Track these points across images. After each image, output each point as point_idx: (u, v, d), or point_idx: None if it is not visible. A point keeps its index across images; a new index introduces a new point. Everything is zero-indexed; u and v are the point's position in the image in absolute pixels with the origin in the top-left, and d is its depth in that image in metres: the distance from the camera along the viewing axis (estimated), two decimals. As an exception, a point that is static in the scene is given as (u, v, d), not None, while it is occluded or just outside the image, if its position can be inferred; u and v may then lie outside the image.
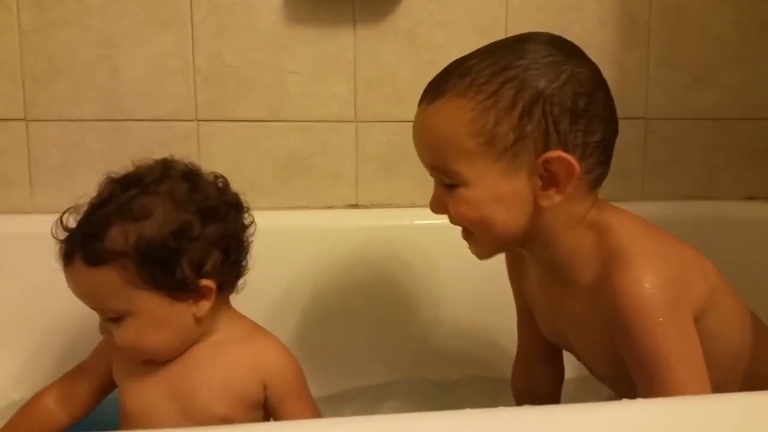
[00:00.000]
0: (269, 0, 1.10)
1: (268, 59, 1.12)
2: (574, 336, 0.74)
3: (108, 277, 0.72)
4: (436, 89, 0.67)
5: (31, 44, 1.08)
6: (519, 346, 0.90)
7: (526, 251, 0.74)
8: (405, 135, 1.15)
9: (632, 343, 0.62)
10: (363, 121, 1.15)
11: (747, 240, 1.16)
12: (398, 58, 1.14)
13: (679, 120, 1.21)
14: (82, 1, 1.07)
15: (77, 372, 0.84)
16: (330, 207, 1.17)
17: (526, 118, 0.63)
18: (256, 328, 0.82)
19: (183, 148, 1.09)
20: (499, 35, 1.13)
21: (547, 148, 0.64)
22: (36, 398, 0.83)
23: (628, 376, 0.64)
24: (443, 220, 1.13)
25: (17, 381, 1.00)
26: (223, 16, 1.10)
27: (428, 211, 1.15)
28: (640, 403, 0.54)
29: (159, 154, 0.82)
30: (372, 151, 1.16)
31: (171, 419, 0.76)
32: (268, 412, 0.80)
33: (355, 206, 1.17)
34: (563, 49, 0.66)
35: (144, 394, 0.77)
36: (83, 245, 0.72)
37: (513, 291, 0.86)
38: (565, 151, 0.63)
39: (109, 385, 0.83)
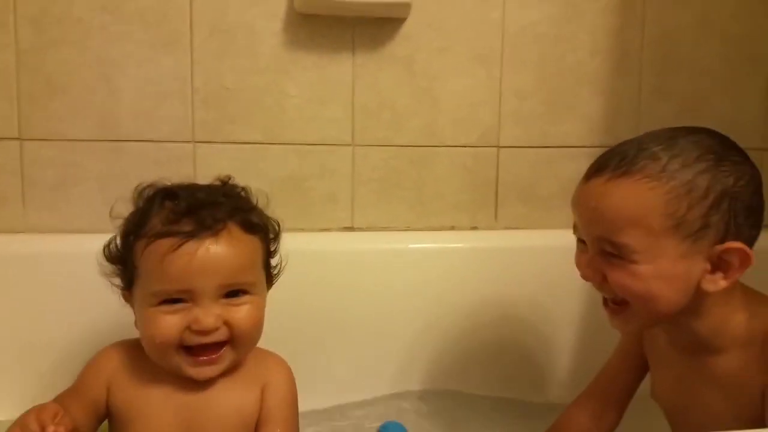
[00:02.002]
0: (269, 25, 1.11)
1: (267, 83, 1.13)
2: (704, 398, 0.78)
3: (255, 246, 0.78)
4: (620, 167, 0.71)
5: (28, 63, 1.08)
6: (596, 386, 0.93)
7: (668, 325, 0.78)
8: (401, 159, 1.18)
9: None
10: (360, 145, 1.16)
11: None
12: (396, 85, 1.15)
13: (670, 149, 1.23)
14: (82, 22, 1.08)
15: (70, 395, 0.79)
16: (326, 229, 1.17)
17: (714, 208, 0.70)
18: (261, 349, 0.82)
19: (179, 169, 1.10)
20: (495, 64, 1.17)
21: (725, 238, 0.70)
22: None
23: None
24: (439, 243, 1.17)
25: (9, 397, 0.99)
26: (223, 39, 1.11)
27: (423, 234, 1.18)
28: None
29: (155, 175, 0.83)
30: (368, 175, 1.17)
31: None
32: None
33: (351, 229, 1.18)
34: (738, 149, 0.74)
35: (159, 430, 0.75)
36: (237, 210, 0.77)
37: (627, 345, 0.90)
38: (738, 242, 0.70)
39: (103, 413, 0.78)
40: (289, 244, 1.11)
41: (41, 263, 1.05)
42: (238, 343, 0.76)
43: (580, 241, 0.78)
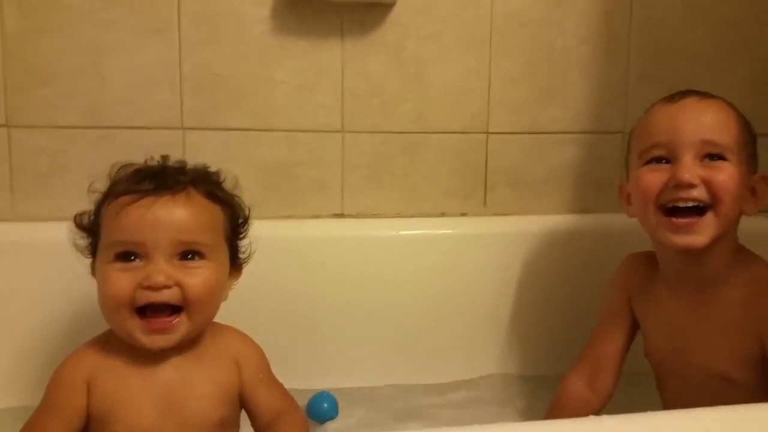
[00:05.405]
0: (257, 10, 1.11)
1: (256, 69, 1.12)
2: (702, 339, 0.83)
3: (215, 213, 0.78)
4: (703, 93, 0.85)
5: (15, 50, 1.07)
6: (587, 352, 0.95)
7: (690, 256, 0.83)
8: (391, 146, 1.19)
9: None
10: (350, 132, 1.16)
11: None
12: (385, 71, 1.15)
13: (658, 134, 1.24)
14: (70, 8, 1.07)
15: (52, 420, 0.75)
16: (316, 216, 1.17)
17: (754, 142, 0.85)
18: (222, 324, 0.83)
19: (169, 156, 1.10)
20: (484, 49, 1.17)
21: (755, 170, 0.85)
22: None
23: (742, 379, 0.79)
24: (428, 230, 1.18)
25: (2, 387, 0.99)
26: (211, 25, 1.10)
27: (413, 221, 1.19)
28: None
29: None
30: (358, 162, 1.17)
31: None
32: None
33: (341, 216, 1.18)
34: None
35: (142, 419, 0.75)
36: (202, 180, 0.79)
37: (614, 308, 0.95)
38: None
39: (85, 420, 0.76)
40: (279, 230, 1.13)
41: (30, 252, 1.05)
42: (192, 311, 0.74)
43: (651, 162, 0.83)
